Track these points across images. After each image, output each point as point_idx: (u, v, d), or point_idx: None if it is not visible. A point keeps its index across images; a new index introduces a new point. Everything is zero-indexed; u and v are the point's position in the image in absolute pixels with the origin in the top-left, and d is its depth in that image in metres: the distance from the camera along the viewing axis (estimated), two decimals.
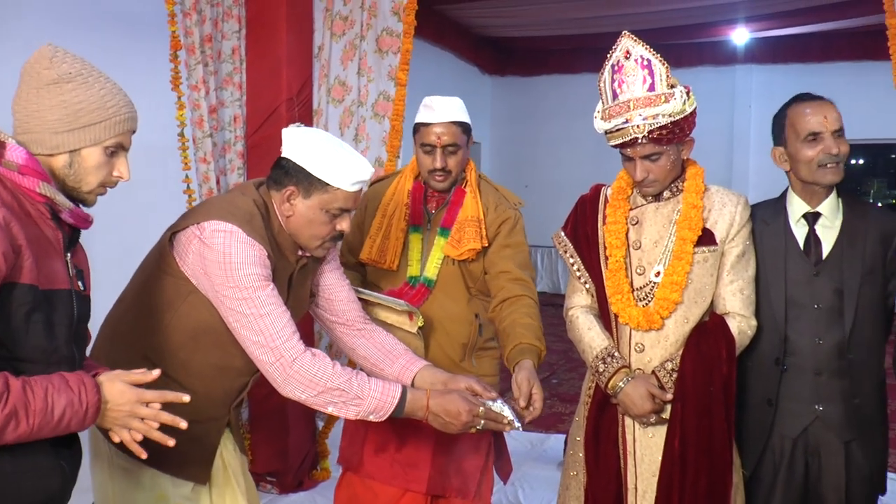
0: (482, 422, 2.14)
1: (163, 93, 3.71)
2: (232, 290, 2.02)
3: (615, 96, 2.30)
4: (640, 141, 2.25)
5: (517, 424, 2.19)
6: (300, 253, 2.23)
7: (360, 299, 2.52)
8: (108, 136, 1.69)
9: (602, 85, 2.34)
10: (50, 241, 1.64)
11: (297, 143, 2.14)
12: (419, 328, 2.49)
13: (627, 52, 2.28)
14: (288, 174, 2.13)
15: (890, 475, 2.47)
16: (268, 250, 2.08)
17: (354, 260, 2.78)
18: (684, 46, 10.21)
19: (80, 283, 1.74)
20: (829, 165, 2.31)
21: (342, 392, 2.04)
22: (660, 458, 2.32)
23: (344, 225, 2.17)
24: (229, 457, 2.31)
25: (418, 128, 2.64)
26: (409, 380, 2.31)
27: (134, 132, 1.77)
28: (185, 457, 2.13)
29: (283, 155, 2.16)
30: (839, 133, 2.31)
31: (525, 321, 2.48)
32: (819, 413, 2.36)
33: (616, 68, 2.30)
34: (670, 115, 2.23)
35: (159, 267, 2.15)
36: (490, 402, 2.18)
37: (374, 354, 2.38)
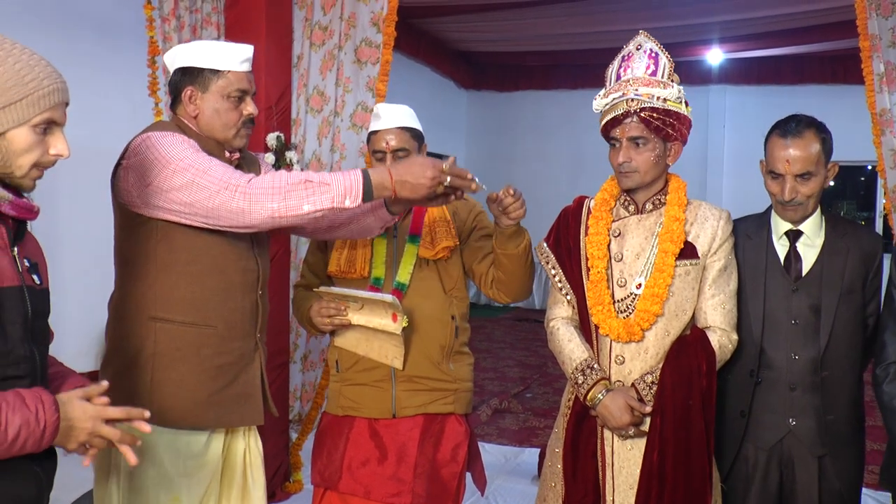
0: (448, 178, 2.10)
1: (140, 98, 3.68)
2: (169, 172, 2.03)
3: (618, 78, 2.38)
4: (630, 116, 2.30)
5: (480, 184, 2.17)
6: (228, 155, 2.28)
7: (340, 298, 2.54)
8: (33, 114, 1.53)
9: (608, 72, 2.43)
10: None
11: (178, 54, 2.26)
12: (403, 328, 2.46)
13: (639, 45, 2.40)
14: (181, 80, 2.24)
15: (867, 491, 2.47)
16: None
17: (317, 280, 2.78)
18: None
19: (34, 277, 1.65)
20: (786, 206, 2.35)
21: (307, 182, 2.00)
22: (638, 471, 2.31)
23: (250, 108, 2.26)
24: (253, 457, 2.40)
25: (370, 137, 2.67)
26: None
27: (67, 104, 1.61)
28: (232, 405, 2.23)
29: (171, 73, 2.28)
30: (805, 176, 2.31)
31: None
32: (792, 427, 2.38)
33: (625, 58, 2.41)
34: (665, 100, 2.29)
35: (123, 228, 2.20)
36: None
37: (350, 215, 2.35)
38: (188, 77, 2.23)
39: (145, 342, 2.16)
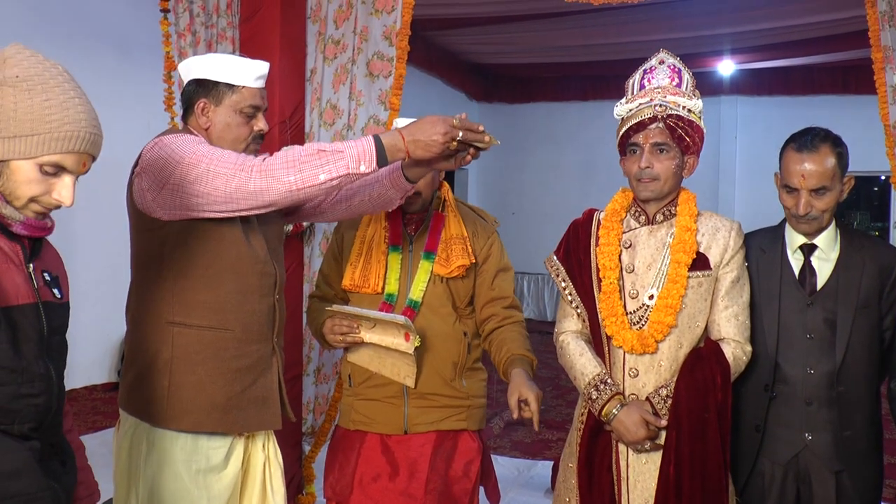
0: (460, 133, 2.08)
1: (156, 113, 3.71)
2: (184, 167, 2.04)
3: (642, 87, 2.40)
4: (657, 121, 2.31)
5: (493, 138, 2.17)
6: None
7: (352, 317, 2.54)
8: (40, 153, 1.50)
9: (630, 82, 2.44)
10: (6, 254, 1.56)
11: (194, 66, 2.28)
12: (416, 348, 2.45)
13: (662, 59, 2.42)
14: (195, 92, 2.27)
15: None
16: None
17: (332, 291, 2.79)
18: None
19: (54, 291, 1.65)
20: (801, 220, 2.34)
21: (321, 152, 2.00)
22: (654, 485, 2.30)
23: (261, 124, 2.29)
24: (273, 467, 2.37)
25: None
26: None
27: (92, 157, 1.59)
28: (250, 408, 2.23)
29: (185, 83, 2.30)
30: (820, 191, 2.30)
31: (520, 337, 2.63)
32: (808, 442, 2.35)
33: (648, 70, 2.42)
34: (689, 111, 2.32)
35: (139, 233, 2.21)
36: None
37: (366, 183, 2.33)
38: (202, 89, 2.25)
39: (163, 347, 2.17)
